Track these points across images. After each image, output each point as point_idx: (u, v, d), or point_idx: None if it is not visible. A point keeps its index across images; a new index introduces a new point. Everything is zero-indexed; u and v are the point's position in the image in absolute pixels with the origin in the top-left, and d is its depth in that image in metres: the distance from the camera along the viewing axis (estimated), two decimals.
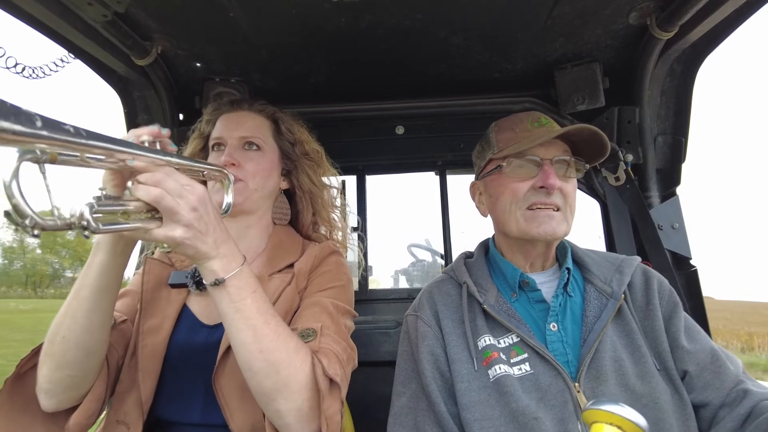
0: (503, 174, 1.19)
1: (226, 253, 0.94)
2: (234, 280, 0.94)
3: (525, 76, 1.83)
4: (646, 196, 1.80)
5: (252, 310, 0.94)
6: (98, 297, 0.97)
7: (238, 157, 1.27)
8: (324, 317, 1.12)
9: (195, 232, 0.87)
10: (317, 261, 1.28)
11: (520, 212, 1.15)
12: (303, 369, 0.96)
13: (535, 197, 1.14)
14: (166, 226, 0.85)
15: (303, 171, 1.41)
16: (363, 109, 1.96)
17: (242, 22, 1.46)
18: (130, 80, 1.79)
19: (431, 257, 3.93)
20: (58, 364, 1.00)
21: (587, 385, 1.03)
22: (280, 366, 0.94)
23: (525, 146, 1.15)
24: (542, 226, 1.13)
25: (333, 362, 1.02)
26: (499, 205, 1.21)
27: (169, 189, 0.83)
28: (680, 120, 1.81)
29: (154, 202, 0.82)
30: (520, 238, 1.17)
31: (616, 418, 0.73)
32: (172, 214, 0.84)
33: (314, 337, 1.05)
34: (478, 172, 1.33)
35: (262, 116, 1.38)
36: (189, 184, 0.88)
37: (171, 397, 1.12)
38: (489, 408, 1.03)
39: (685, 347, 1.08)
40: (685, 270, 1.75)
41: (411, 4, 1.39)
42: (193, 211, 0.86)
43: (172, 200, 0.83)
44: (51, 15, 1.32)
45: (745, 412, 0.98)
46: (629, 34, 1.61)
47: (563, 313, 1.14)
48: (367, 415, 1.66)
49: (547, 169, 1.14)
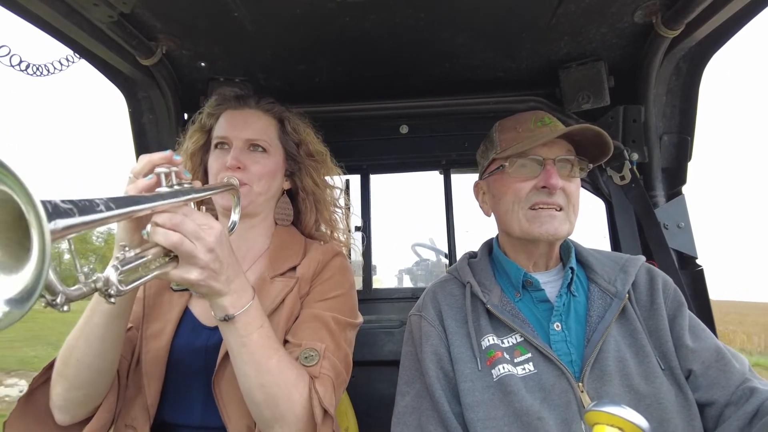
0: (506, 174, 1.19)
1: (237, 289, 0.96)
2: (243, 316, 0.96)
3: (529, 75, 1.82)
4: (652, 196, 1.79)
5: (257, 345, 0.97)
6: (110, 323, 0.99)
7: (243, 160, 1.25)
8: (326, 336, 1.13)
9: (210, 273, 0.88)
10: (320, 266, 1.27)
11: (522, 212, 1.15)
12: (300, 402, 0.99)
13: (537, 197, 1.14)
14: (182, 267, 0.86)
15: (306, 173, 1.40)
16: (367, 108, 1.96)
17: (247, 22, 1.46)
18: (135, 80, 1.80)
19: (435, 257, 3.93)
20: (72, 385, 1.02)
21: (591, 385, 1.03)
22: (279, 399, 0.97)
23: (527, 146, 1.15)
24: (544, 225, 1.13)
25: (329, 392, 1.05)
26: (501, 205, 1.21)
27: (187, 232, 0.84)
28: (686, 119, 1.80)
29: (172, 248, 0.83)
30: (523, 237, 1.17)
31: (618, 420, 0.73)
32: (189, 258, 0.85)
33: (316, 360, 1.07)
34: (481, 171, 1.33)
35: (269, 116, 1.36)
36: (206, 224, 0.89)
37: (174, 399, 1.13)
38: (493, 408, 1.03)
39: (689, 346, 1.08)
40: (690, 270, 1.74)
41: (415, 3, 1.39)
42: (209, 253, 0.87)
43: (190, 244, 0.84)
44: (57, 15, 1.33)
45: (752, 410, 0.97)
46: (635, 33, 1.60)
47: (567, 313, 1.14)
48: (371, 414, 1.66)
49: (550, 169, 1.14)
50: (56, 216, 0.53)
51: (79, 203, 0.58)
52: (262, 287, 1.20)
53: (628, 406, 0.74)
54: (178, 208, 0.86)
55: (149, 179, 0.89)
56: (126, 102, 1.89)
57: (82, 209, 0.58)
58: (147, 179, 0.89)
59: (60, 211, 0.54)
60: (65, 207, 0.55)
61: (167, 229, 0.82)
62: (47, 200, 0.52)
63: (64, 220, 0.54)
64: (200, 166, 1.38)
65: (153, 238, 0.82)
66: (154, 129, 1.91)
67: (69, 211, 0.55)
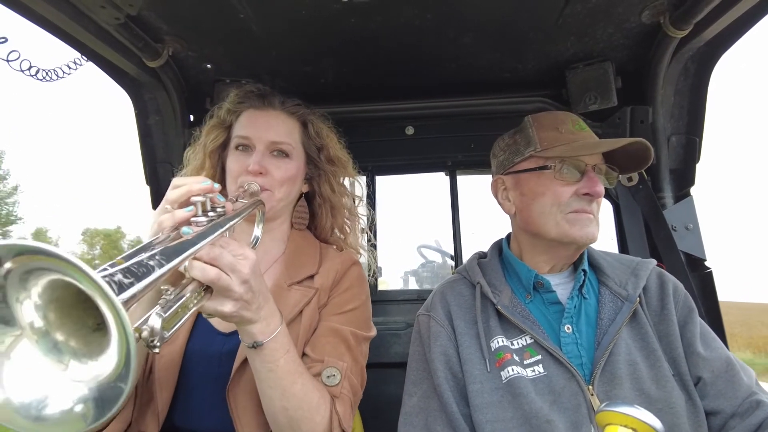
0: (546, 175, 1.16)
1: (266, 316, 0.96)
2: (271, 343, 0.96)
3: (536, 75, 1.82)
4: (660, 197, 1.78)
5: (284, 371, 0.98)
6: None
7: (266, 165, 1.22)
8: (345, 352, 1.14)
9: (243, 304, 0.88)
10: (339, 275, 1.26)
11: (562, 215, 1.13)
12: (321, 424, 1.02)
13: (578, 204, 1.13)
14: (216, 299, 0.85)
15: (325, 178, 1.37)
16: (373, 109, 1.96)
17: (252, 24, 1.46)
18: (142, 82, 1.80)
19: (441, 258, 3.91)
20: None
21: (601, 388, 1.02)
22: (302, 423, 0.99)
23: (580, 152, 1.13)
24: (584, 229, 1.12)
25: (348, 411, 1.07)
26: (536, 206, 1.17)
27: (224, 265, 0.83)
28: (694, 119, 1.78)
29: (210, 283, 0.82)
30: (558, 239, 1.14)
31: (631, 420, 0.72)
32: (225, 291, 0.84)
33: (338, 381, 1.08)
34: (508, 166, 1.26)
35: (293, 119, 1.32)
36: (242, 254, 0.88)
37: (186, 405, 1.12)
38: (501, 410, 1.03)
39: (701, 353, 1.07)
40: (699, 272, 1.72)
41: (421, 4, 1.39)
42: (243, 284, 0.86)
43: (227, 278, 0.83)
44: (64, 18, 1.33)
45: (756, 422, 0.98)
46: (642, 33, 1.59)
47: (578, 315, 1.13)
48: (377, 416, 1.65)
49: (593, 177, 1.13)
50: (122, 292, 0.56)
51: (137, 271, 0.60)
52: (279, 294, 1.18)
53: None
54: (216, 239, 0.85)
55: (187, 211, 0.86)
56: (132, 103, 1.90)
57: (139, 276, 0.60)
58: (185, 211, 0.86)
59: (123, 286, 0.56)
60: (127, 282, 0.57)
61: (204, 263, 0.81)
62: (110, 280, 0.54)
63: (127, 292, 0.56)
64: (218, 163, 1.33)
65: (191, 273, 0.80)
66: (160, 130, 1.91)
67: (130, 284, 0.57)
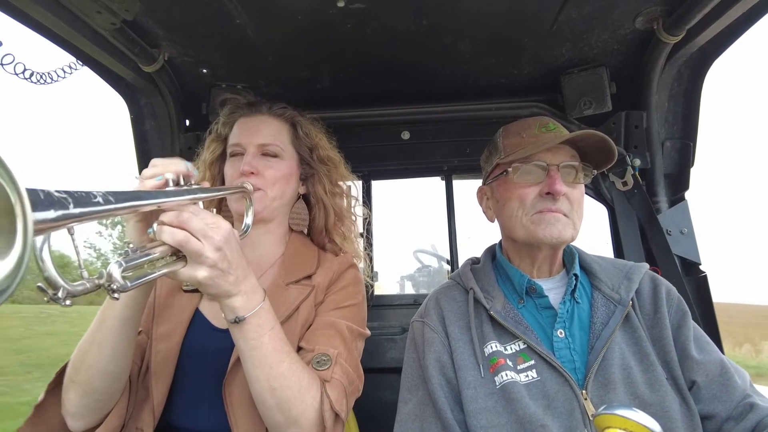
0: (509, 179, 1.18)
1: (247, 290, 0.95)
2: (253, 318, 0.95)
3: (531, 81, 1.83)
4: (654, 201, 1.79)
5: (268, 349, 0.96)
6: (123, 327, 0.98)
7: (257, 165, 1.25)
8: (339, 343, 1.13)
9: (218, 272, 0.87)
10: (335, 275, 1.28)
11: (527, 217, 1.14)
12: (313, 406, 0.99)
13: (542, 204, 1.13)
14: (191, 266, 0.85)
15: (319, 179, 1.40)
16: (368, 114, 1.96)
17: (248, 29, 1.46)
18: (138, 87, 1.80)
19: (437, 263, 3.91)
20: (85, 391, 1.01)
21: (595, 393, 1.01)
22: (291, 404, 0.97)
23: (531, 151, 1.14)
24: (548, 228, 1.12)
25: (340, 396, 1.04)
26: (506, 211, 1.20)
27: (194, 230, 0.83)
28: (688, 124, 1.79)
29: (179, 246, 0.82)
30: (527, 242, 1.16)
31: (631, 424, 0.71)
32: (197, 256, 0.84)
33: (329, 365, 1.07)
34: (485, 177, 1.32)
35: (280, 121, 1.36)
36: (214, 223, 0.88)
37: (181, 402, 1.12)
38: (496, 415, 1.02)
39: (694, 357, 1.07)
40: (694, 276, 1.73)
41: (417, 9, 1.39)
42: (217, 251, 0.86)
43: (197, 243, 0.83)
44: (60, 23, 1.33)
45: (750, 425, 0.98)
46: (636, 39, 1.61)
47: (570, 320, 1.13)
48: (373, 422, 1.64)
49: (554, 175, 1.13)
50: (49, 205, 0.52)
51: (76, 194, 0.56)
52: (277, 293, 1.19)
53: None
54: (185, 206, 0.85)
55: (157, 180, 0.87)
56: (128, 108, 1.89)
57: (78, 200, 0.56)
58: (155, 180, 0.87)
59: (53, 200, 0.52)
60: (59, 196, 0.53)
61: (174, 227, 0.81)
62: (41, 189, 0.51)
63: (57, 211, 0.53)
64: (218, 174, 1.39)
65: (159, 237, 0.81)
66: (156, 135, 1.91)
67: (63, 200, 0.54)
